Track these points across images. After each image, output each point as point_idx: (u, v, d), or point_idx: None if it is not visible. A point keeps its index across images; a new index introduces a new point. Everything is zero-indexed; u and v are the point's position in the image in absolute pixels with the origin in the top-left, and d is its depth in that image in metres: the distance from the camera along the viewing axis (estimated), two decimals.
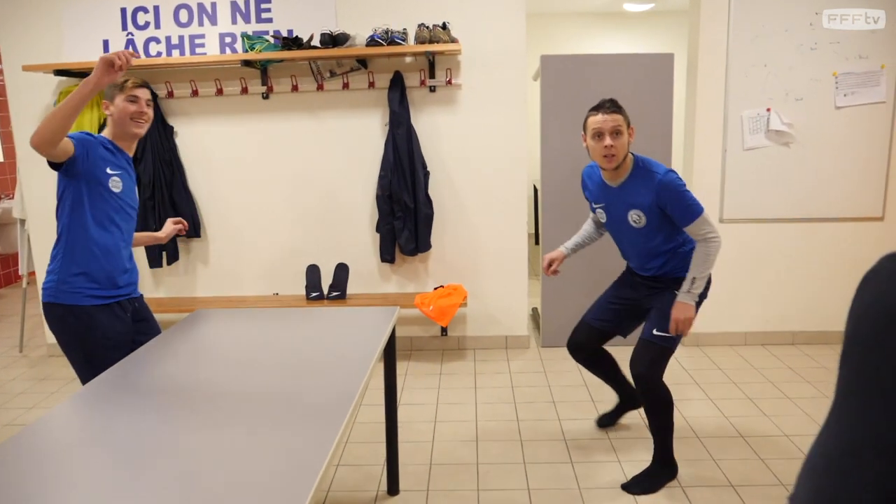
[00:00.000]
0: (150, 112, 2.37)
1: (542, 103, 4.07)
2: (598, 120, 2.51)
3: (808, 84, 3.97)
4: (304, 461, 1.43)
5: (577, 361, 2.98)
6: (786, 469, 2.78)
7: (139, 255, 4.25)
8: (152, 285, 4.38)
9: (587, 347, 2.93)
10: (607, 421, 3.19)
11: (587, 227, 3.01)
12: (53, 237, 4.28)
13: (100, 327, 2.30)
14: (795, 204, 4.10)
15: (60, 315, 2.29)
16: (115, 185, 2.31)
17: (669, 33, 6.87)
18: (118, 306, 2.38)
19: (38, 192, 4.28)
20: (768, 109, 3.99)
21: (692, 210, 2.49)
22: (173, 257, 4.19)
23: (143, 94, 2.34)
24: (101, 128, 4.00)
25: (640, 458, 2.89)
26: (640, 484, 2.67)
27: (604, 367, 2.99)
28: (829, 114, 4.00)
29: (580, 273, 4.22)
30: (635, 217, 2.60)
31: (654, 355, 2.59)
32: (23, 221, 4.50)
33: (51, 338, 4.47)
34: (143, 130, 2.37)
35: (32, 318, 5.12)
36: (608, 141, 2.49)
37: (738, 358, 4.05)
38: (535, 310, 4.94)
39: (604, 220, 2.77)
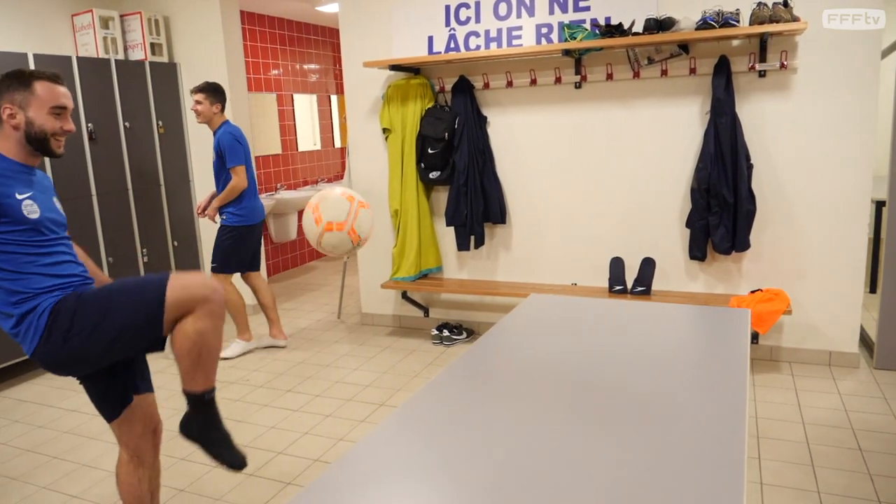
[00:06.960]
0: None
1: None
2: None
3: None
4: (718, 476, 1.33)
5: None
6: None
7: (449, 238, 4.53)
8: (456, 267, 4.64)
9: None
10: None
11: None
12: (374, 216, 4.72)
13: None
14: None
15: None
16: None
17: None
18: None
19: (363, 174, 4.77)
20: None
21: None
22: (480, 242, 4.39)
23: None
24: (422, 120, 4.32)
25: None
26: None
27: None
28: None
29: None
30: None
31: None
32: None
33: (366, 307, 4.98)
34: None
35: (348, 288, 5.75)
36: None
37: None
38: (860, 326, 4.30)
39: None
